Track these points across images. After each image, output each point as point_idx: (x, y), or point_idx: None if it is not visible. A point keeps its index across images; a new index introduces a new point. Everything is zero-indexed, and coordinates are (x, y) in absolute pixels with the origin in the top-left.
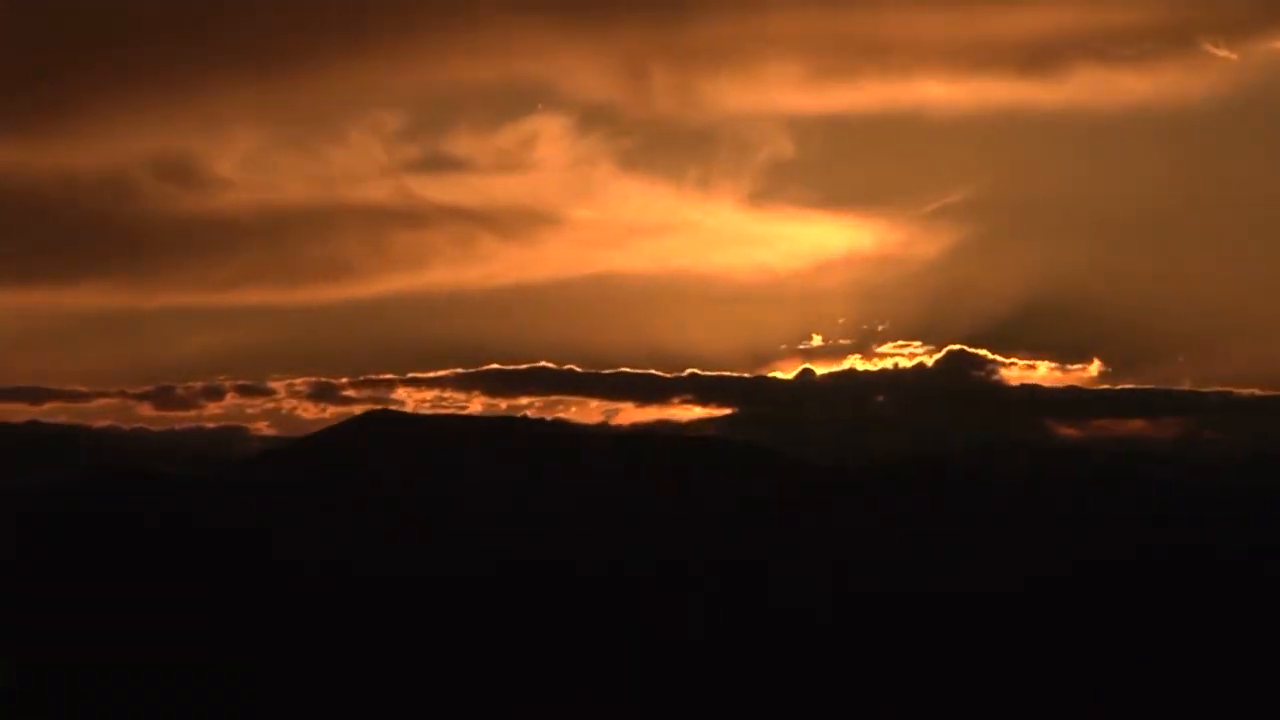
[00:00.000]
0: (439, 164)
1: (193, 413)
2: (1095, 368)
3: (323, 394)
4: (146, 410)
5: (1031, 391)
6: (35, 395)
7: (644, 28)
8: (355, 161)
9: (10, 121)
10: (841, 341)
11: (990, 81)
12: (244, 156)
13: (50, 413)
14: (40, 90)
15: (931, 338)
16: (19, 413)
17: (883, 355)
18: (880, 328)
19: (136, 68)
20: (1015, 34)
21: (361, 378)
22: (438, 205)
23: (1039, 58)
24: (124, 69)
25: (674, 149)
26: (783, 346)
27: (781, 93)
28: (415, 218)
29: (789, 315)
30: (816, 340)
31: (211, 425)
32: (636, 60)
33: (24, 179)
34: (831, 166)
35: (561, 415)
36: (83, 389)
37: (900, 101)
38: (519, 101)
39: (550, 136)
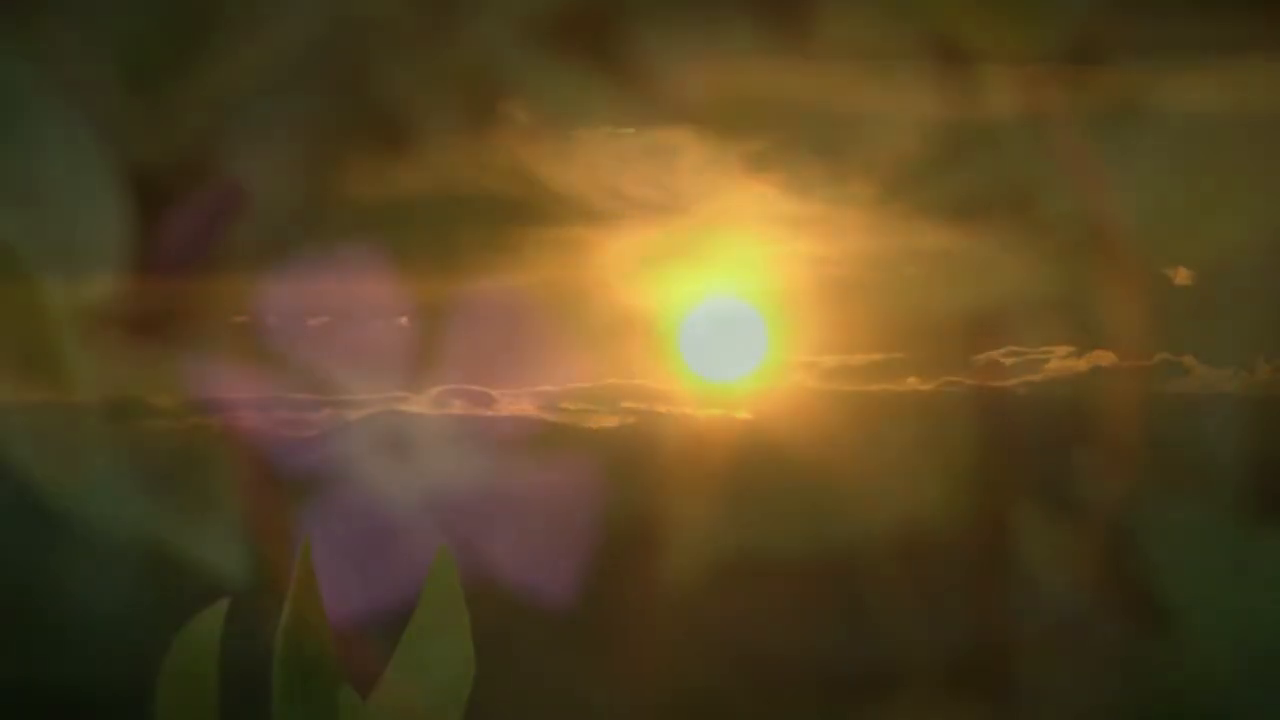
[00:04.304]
0: (568, 156)
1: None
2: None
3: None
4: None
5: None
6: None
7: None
8: None
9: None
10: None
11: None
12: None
13: None
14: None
15: (1077, 341)
16: None
17: (1038, 362)
18: (1025, 331)
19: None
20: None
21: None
22: (566, 198)
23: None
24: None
25: (805, 148)
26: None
27: (921, 91)
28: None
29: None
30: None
31: None
32: (766, 58)
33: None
34: (973, 165)
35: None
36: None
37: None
38: (649, 96)
39: (680, 132)
